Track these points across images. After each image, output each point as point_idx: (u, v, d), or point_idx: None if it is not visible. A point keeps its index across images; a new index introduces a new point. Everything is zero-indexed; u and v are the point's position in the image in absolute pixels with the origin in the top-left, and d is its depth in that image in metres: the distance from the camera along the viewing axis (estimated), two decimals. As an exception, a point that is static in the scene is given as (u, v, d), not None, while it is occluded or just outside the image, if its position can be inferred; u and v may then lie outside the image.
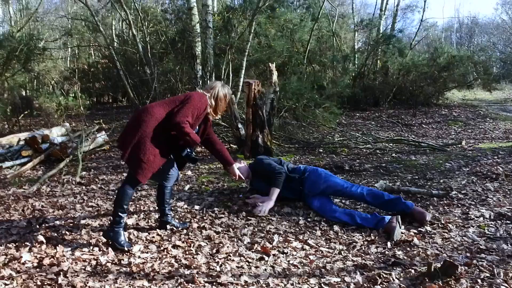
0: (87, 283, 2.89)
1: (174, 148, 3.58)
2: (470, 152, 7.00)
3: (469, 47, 33.39)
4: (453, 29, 39.72)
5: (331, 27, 14.98)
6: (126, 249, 3.38)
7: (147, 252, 3.40)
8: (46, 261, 3.23)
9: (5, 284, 2.90)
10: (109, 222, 3.55)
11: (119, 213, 3.42)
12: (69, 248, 3.49)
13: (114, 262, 3.22)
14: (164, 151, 3.44)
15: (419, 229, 3.65)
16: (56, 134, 8.31)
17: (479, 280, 2.71)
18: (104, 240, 3.50)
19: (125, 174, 6.16)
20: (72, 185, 5.71)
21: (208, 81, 11.13)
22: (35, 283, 2.91)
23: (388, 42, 14.00)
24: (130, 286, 2.84)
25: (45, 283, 2.92)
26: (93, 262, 3.21)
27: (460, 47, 25.98)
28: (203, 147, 4.68)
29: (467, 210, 4.07)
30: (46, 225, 4.08)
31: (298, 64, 13.28)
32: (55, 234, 3.80)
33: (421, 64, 14.16)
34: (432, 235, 3.51)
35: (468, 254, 3.13)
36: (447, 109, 13.62)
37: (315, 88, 10.78)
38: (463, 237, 3.44)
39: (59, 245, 3.56)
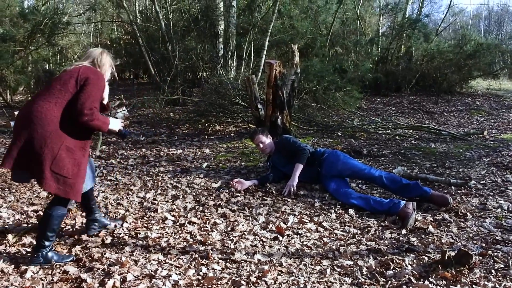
0: (104, 254, 2.96)
1: (88, 137, 2.97)
2: (491, 142, 6.88)
3: (497, 35, 32.52)
4: (481, 16, 38.69)
5: (356, 10, 14.73)
6: (59, 263, 2.85)
7: (163, 227, 3.46)
8: (65, 230, 3.32)
9: (27, 252, 3.00)
10: (35, 246, 2.89)
11: (50, 238, 2.84)
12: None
13: (130, 235, 3.29)
14: (82, 149, 2.87)
15: (435, 217, 3.63)
16: (78, 108, 8.40)
17: (493, 271, 2.69)
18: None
19: (144, 150, 6.26)
20: (92, 158, 5.81)
21: (229, 60, 11.10)
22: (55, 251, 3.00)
23: (414, 26, 13.69)
24: (145, 259, 2.90)
25: (64, 252, 3.00)
26: (110, 234, 3.28)
27: (488, 35, 25.32)
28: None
29: (485, 200, 4.02)
30: (66, 196, 4.17)
31: (320, 47, 13.12)
32: (75, 205, 3.89)
33: (446, 50, 13.84)
34: (448, 224, 3.48)
35: (483, 244, 3.10)
36: (470, 98, 13.34)
37: (337, 71, 10.64)
38: (479, 227, 3.41)
39: (78, 216, 3.65)
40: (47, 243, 2.82)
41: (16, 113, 8.39)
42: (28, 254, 2.93)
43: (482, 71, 14.62)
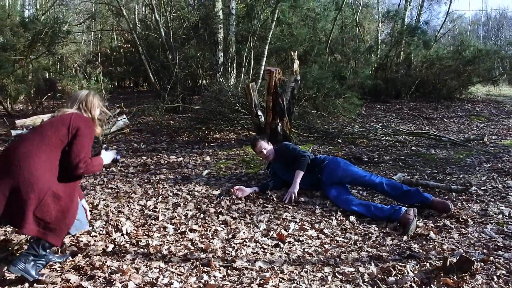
0: (105, 262, 2.96)
1: (77, 182, 2.92)
2: (492, 148, 6.88)
3: (496, 41, 32.66)
4: (480, 22, 38.84)
5: (355, 17, 14.80)
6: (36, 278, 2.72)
7: (164, 235, 3.46)
8: (66, 240, 3.31)
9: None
10: (26, 250, 2.77)
11: (48, 247, 2.77)
12: (89, 228, 3.57)
13: (132, 243, 3.29)
14: (71, 195, 2.79)
15: (436, 223, 3.62)
16: (78, 116, 8.41)
17: (494, 277, 2.69)
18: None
19: (144, 158, 6.26)
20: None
21: (229, 68, 11.14)
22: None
23: (413, 33, 13.75)
24: (147, 267, 2.90)
25: (66, 262, 3.00)
26: (111, 242, 3.28)
27: (486, 41, 25.40)
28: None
29: (486, 206, 4.02)
30: (67, 204, 4.17)
31: (320, 54, 13.18)
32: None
33: (445, 57, 13.89)
34: (449, 230, 3.48)
35: (485, 251, 3.10)
36: (470, 104, 13.37)
37: (336, 78, 10.68)
38: (481, 234, 3.41)
39: (79, 224, 3.65)
40: (42, 253, 2.74)
41: (16, 122, 8.42)
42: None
43: (482, 77, 14.66)
